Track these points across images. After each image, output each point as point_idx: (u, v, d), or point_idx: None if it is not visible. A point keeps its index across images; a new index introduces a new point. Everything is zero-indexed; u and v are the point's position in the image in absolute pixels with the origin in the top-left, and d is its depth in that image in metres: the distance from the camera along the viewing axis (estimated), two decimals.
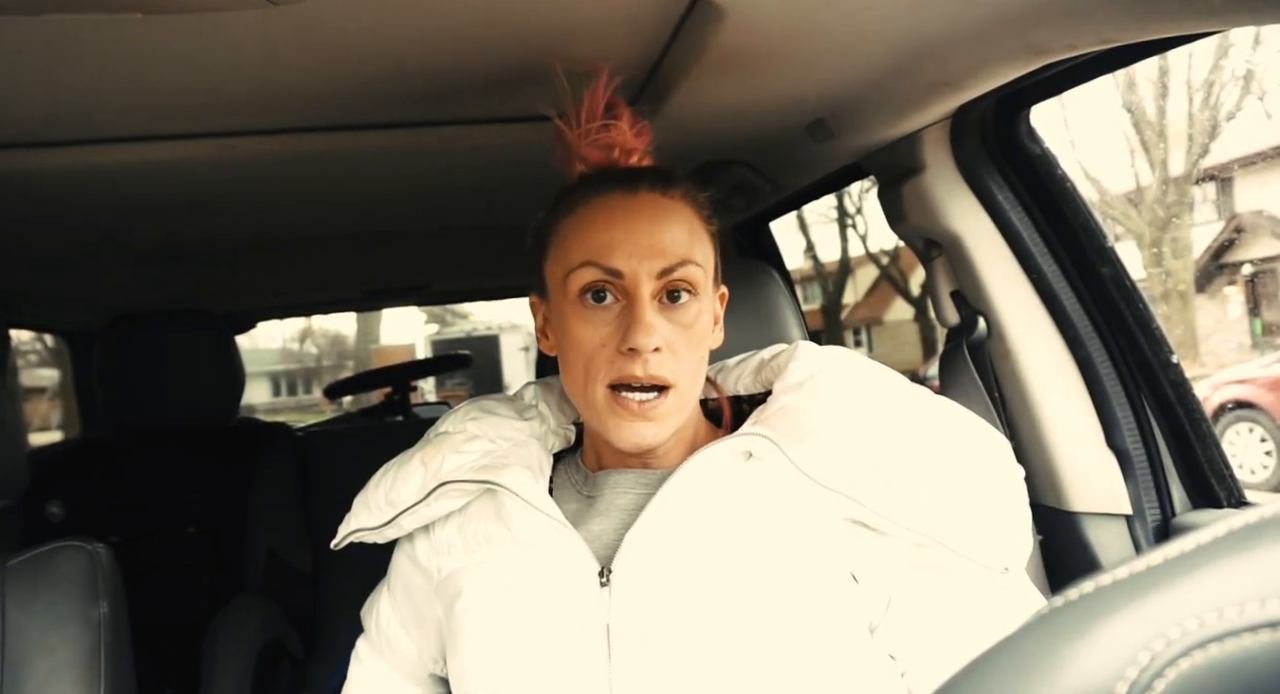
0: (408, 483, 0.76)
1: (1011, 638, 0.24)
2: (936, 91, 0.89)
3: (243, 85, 0.81)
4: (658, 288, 0.70)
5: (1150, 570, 0.23)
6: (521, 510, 0.72)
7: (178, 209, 1.26)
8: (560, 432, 0.83)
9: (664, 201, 0.73)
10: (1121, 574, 0.23)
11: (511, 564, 0.73)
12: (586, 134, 0.76)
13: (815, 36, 0.78)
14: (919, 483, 0.66)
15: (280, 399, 17.43)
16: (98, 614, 0.87)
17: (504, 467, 0.74)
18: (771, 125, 1.08)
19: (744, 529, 0.68)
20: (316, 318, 13.37)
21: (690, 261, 0.71)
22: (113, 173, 1.03)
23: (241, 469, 1.83)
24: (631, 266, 0.70)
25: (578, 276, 0.71)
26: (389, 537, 0.79)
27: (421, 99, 0.91)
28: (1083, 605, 0.23)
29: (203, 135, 0.95)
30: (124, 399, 1.72)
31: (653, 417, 0.70)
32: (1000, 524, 0.67)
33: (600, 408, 0.71)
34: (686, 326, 0.71)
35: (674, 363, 0.70)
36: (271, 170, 1.10)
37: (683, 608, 0.66)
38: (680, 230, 0.72)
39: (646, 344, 0.68)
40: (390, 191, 1.31)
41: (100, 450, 1.82)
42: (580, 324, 0.72)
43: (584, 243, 0.72)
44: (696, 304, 0.72)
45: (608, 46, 0.80)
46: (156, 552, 1.75)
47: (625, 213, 0.72)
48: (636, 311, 0.69)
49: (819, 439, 0.68)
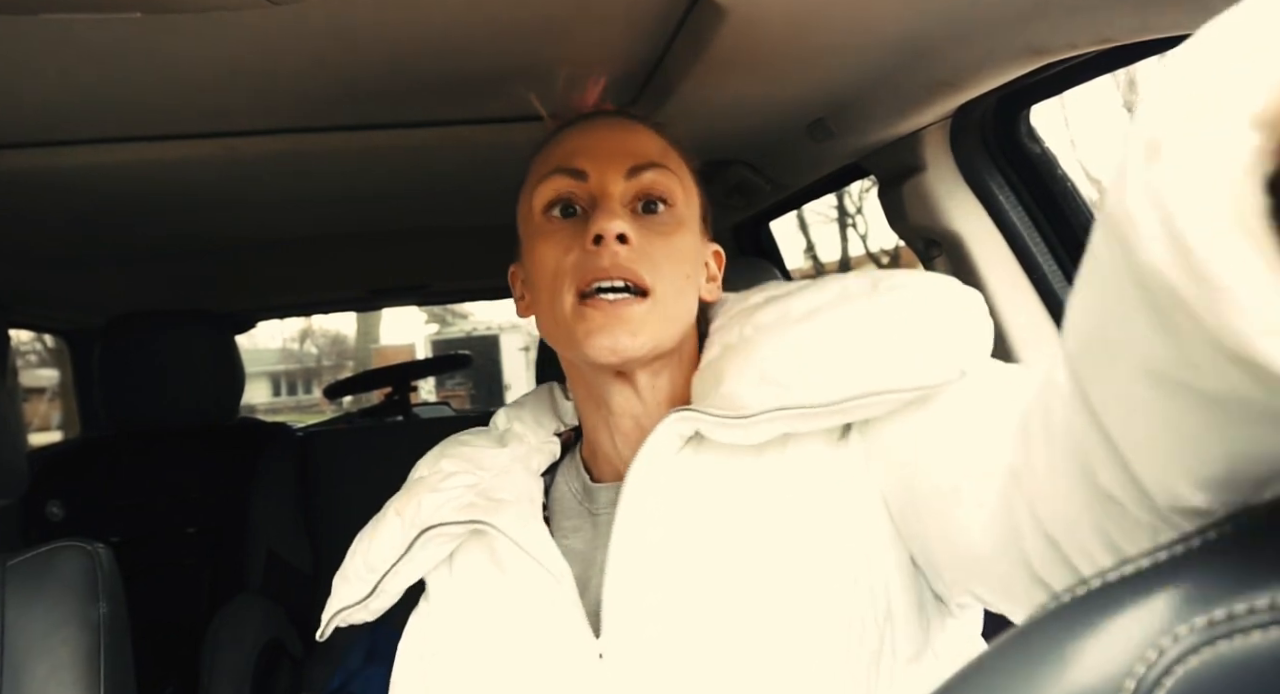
0: (386, 540, 0.68)
1: (1019, 635, 0.23)
2: (936, 91, 0.89)
3: (243, 85, 0.81)
4: (628, 191, 0.66)
5: (1157, 567, 0.23)
6: (515, 554, 0.65)
7: (178, 209, 1.26)
8: (544, 447, 0.76)
9: (629, 120, 0.70)
10: (1128, 571, 0.23)
11: (501, 615, 0.66)
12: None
13: (815, 36, 0.78)
14: (838, 354, 0.58)
15: (280, 399, 17.42)
16: (97, 615, 0.87)
17: (493, 502, 0.68)
18: (772, 125, 1.08)
19: (726, 532, 0.61)
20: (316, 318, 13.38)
21: (662, 166, 0.66)
22: (112, 173, 1.02)
23: (241, 469, 1.83)
24: (597, 165, 0.65)
25: (544, 189, 0.67)
26: (378, 610, 0.69)
27: (422, 98, 0.91)
28: (1090, 602, 0.23)
29: (203, 135, 0.95)
30: (124, 399, 1.72)
31: (627, 318, 0.62)
32: (935, 340, 0.57)
33: (569, 320, 0.63)
34: (665, 235, 0.65)
35: (650, 266, 0.63)
36: (271, 170, 1.10)
37: (682, 650, 0.59)
38: (650, 141, 0.68)
39: (610, 227, 0.62)
40: (391, 191, 1.30)
41: (100, 450, 1.81)
42: (547, 243, 0.66)
43: (549, 158, 0.68)
44: (673, 217, 0.66)
45: (608, 46, 0.80)
46: (156, 552, 1.75)
47: (590, 126, 0.69)
48: (601, 203, 0.64)
49: (731, 384, 0.61)
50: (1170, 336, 0.22)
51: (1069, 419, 0.34)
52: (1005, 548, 0.44)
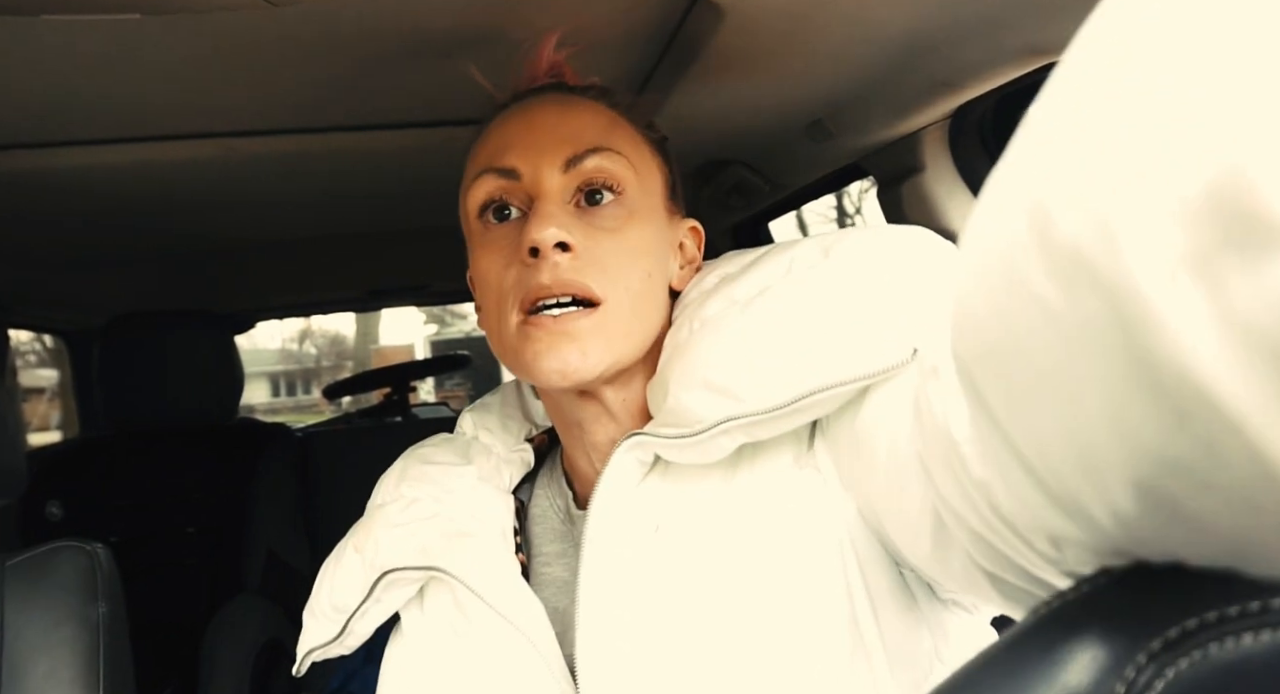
0: (349, 580, 0.62)
1: (1008, 640, 0.24)
2: (935, 92, 0.89)
3: (242, 85, 0.81)
4: (568, 185, 0.58)
5: (1150, 567, 0.23)
6: (479, 607, 0.58)
7: (177, 209, 1.26)
8: (514, 456, 0.69)
9: (570, 96, 0.62)
10: (1118, 574, 0.23)
11: (470, 666, 0.60)
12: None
13: (814, 36, 0.78)
14: (783, 348, 0.52)
15: (279, 399, 17.42)
16: (96, 614, 0.87)
17: (456, 538, 0.61)
18: (770, 125, 1.08)
19: (702, 567, 0.54)
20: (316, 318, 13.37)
21: (607, 149, 0.58)
22: (111, 173, 1.03)
23: (241, 469, 1.83)
24: (529, 160, 0.58)
25: (474, 192, 0.60)
26: (353, 646, 0.64)
27: (420, 99, 0.91)
28: (1080, 606, 0.23)
29: (202, 135, 0.95)
30: (123, 400, 1.72)
31: (573, 333, 0.55)
32: (890, 312, 0.51)
33: (515, 342, 0.57)
34: (612, 231, 0.58)
35: (597, 272, 0.56)
36: (271, 171, 1.10)
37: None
38: (590, 119, 0.60)
39: (545, 237, 0.54)
40: (390, 191, 1.31)
41: (99, 451, 1.82)
42: (484, 252, 0.60)
43: (479, 154, 0.61)
44: (624, 207, 0.58)
45: (606, 47, 0.80)
46: (156, 552, 1.75)
47: (523, 113, 0.61)
48: (534, 207, 0.57)
49: (676, 394, 0.55)
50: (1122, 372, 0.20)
51: (955, 413, 0.32)
52: (937, 529, 0.40)
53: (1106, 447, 0.21)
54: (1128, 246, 0.18)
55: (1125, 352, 0.19)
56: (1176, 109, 0.18)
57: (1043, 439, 0.24)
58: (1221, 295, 0.17)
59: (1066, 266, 0.20)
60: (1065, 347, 0.21)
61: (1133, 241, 0.18)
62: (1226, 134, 0.17)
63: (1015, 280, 0.22)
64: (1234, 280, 0.17)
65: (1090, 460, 0.22)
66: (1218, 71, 0.17)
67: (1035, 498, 0.26)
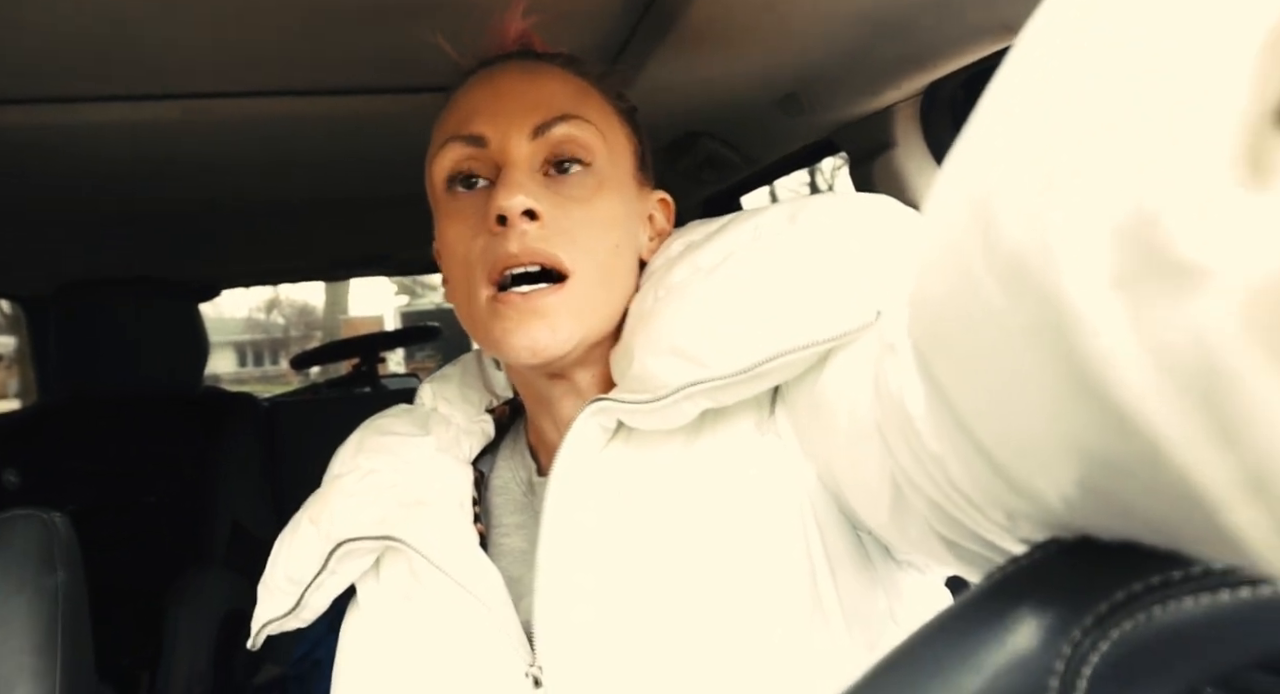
0: (304, 552, 0.61)
1: (960, 603, 0.24)
2: (907, 68, 0.89)
3: (210, 46, 0.79)
4: (536, 153, 0.57)
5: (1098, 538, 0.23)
6: (435, 576, 0.58)
7: (137, 172, 1.22)
8: (474, 427, 0.68)
9: (538, 64, 0.61)
10: (1068, 539, 0.23)
11: (427, 635, 0.60)
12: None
13: (788, 10, 0.78)
14: (747, 312, 0.51)
15: (246, 370, 17.20)
16: (54, 583, 0.86)
17: (413, 507, 0.61)
18: (743, 99, 1.07)
19: (663, 535, 0.54)
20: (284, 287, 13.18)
21: (576, 117, 0.57)
22: (69, 134, 1.00)
23: (204, 439, 1.81)
24: (497, 126, 0.57)
25: (441, 161, 0.59)
26: (308, 619, 0.64)
27: (387, 65, 0.89)
28: (1029, 569, 0.23)
29: (163, 97, 0.92)
30: (81, 367, 1.69)
31: (542, 310, 0.55)
32: (854, 276, 0.50)
33: (485, 318, 0.56)
34: (581, 201, 0.57)
35: (565, 242, 0.55)
36: (234, 134, 1.08)
37: (626, 661, 0.53)
38: (559, 86, 0.59)
39: (512, 205, 0.53)
40: (353, 159, 1.28)
41: (58, 418, 1.78)
42: (450, 222, 0.59)
43: (446, 122, 0.60)
44: (593, 177, 0.58)
45: (578, 19, 0.79)
46: (116, 521, 1.73)
47: (490, 79, 0.60)
48: (502, 174, 0.56)
49: (641, 361, 0.55)
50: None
51: (911, 388, 0.32)
52: (895, 497, 0.40)
53: (1050, 444, 0.22)
54: (1062, 260, 0.18)
55: (1063, 360, 0.19)
56: (1110, 129, 0.18)
57: (993, 425, 0.25)
58: (1146, 319, 0.17)
59: (1007, 269, 0.20)
60: (1009, 345, 0.21)
61: (1067, 256, 0.18)
62: (1142, 170, 0.17)
63: (963, 274, 0.22)
64: (1157, 307, 0.17)
65: (1037, 454, 0.23)
66: (1143, 96, 0.17)
67: (988, 476, 0.27)
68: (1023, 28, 0.22)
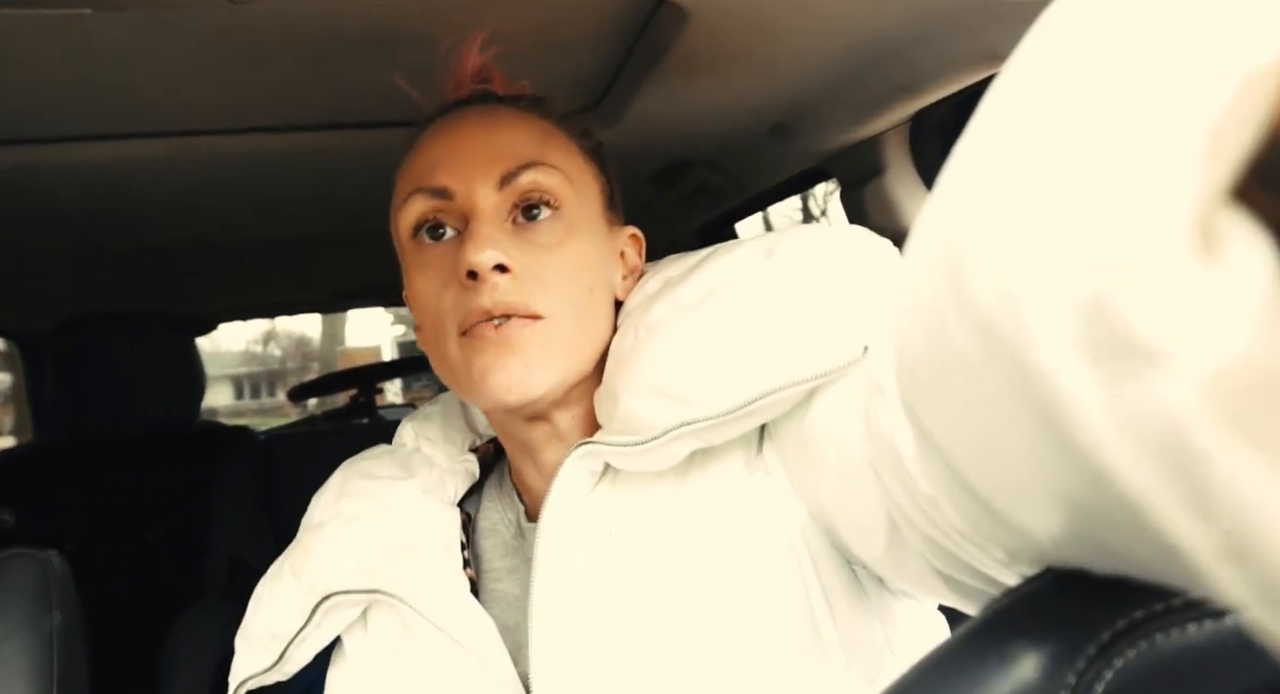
0: (285, 605, 0.59)
1: (965, 632, 0.24)
2: (895, 95, 0.90)
3: (200, 84, 0.80)
4: (503, 202, 0.57)
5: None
6: (427, 628, 0.56)
7: (134, 209, 1.23)
8: (458, 468, 0.67)
9: (499, 109, 0.60)
10: (1069, 568, 0.23)
11: (421, 688, 0.57)
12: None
13: (776, 40, 0.79)
14: (732, 351, 0.51)
15: (243, 402, 17.15)
16: (50, 624, 0.85)
17: (400, 555, 0.58)
18: (734, 128, 1.09)
19: (658, 579, 0.53)
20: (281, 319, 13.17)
21: (541, 163, 0.57)
22: (65, 172, 1.00)
23: (201, 474, 1.80)
24: (462, 178, 0.56)
25: (406, 213, 0.58)
26: (291, 672, 0.61)
27: (383, 100, 0.90)
28: (1034, 598, 0.23)
29: (159, 135, 0.93)
30: (78, 405, 1.68)
31: (516, 344, 0.53)
32: (837, 312, 0.50)
33: (459, 363, 0.55)
34: (551, 248, 0.56)
35: (537, 290, 0.55)
36: (230, 171, 1.09)
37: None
38: (523, 133, 0.58)
39: (482, 260, 0.53)
40: (352, 192, 1.29)
41: (54, 456, 1.77)
42: (419, 273, 0.58)
43: (409, 172, 0.60)
44: (562, 222, 0.57)
45: (571, 50, 0.80)
46: (113, 558, 1.71)
47: (452, 129, 0.59)
48: (469, 227, 0.55)
49: (626, 401, 0.54)
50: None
51: (900, 429, 0.32)
52: (891, 532, 0.40)
53: (1038, 492, 0.22)
54: (1032, 329, 0.19)
55: (1040, 419, 0.19)
56: (1068, 211, 0.18)
57: (983, 471, 0.25)
58: (1115, 392, 0.17)
59: (979, 328, 0.21)
60: (988, 399, 0.21)
61: (1035, 321, 0.19)
62: (1100, 252, 0.17)
63: (939, 327, 0.23)
64: (1125, 382, 0.17)
65: (1027, 500, 0.23)
66: (1098, 177, 0.17)
67: (982, 517, 0.27)
68: (1008, 56, 0.22)
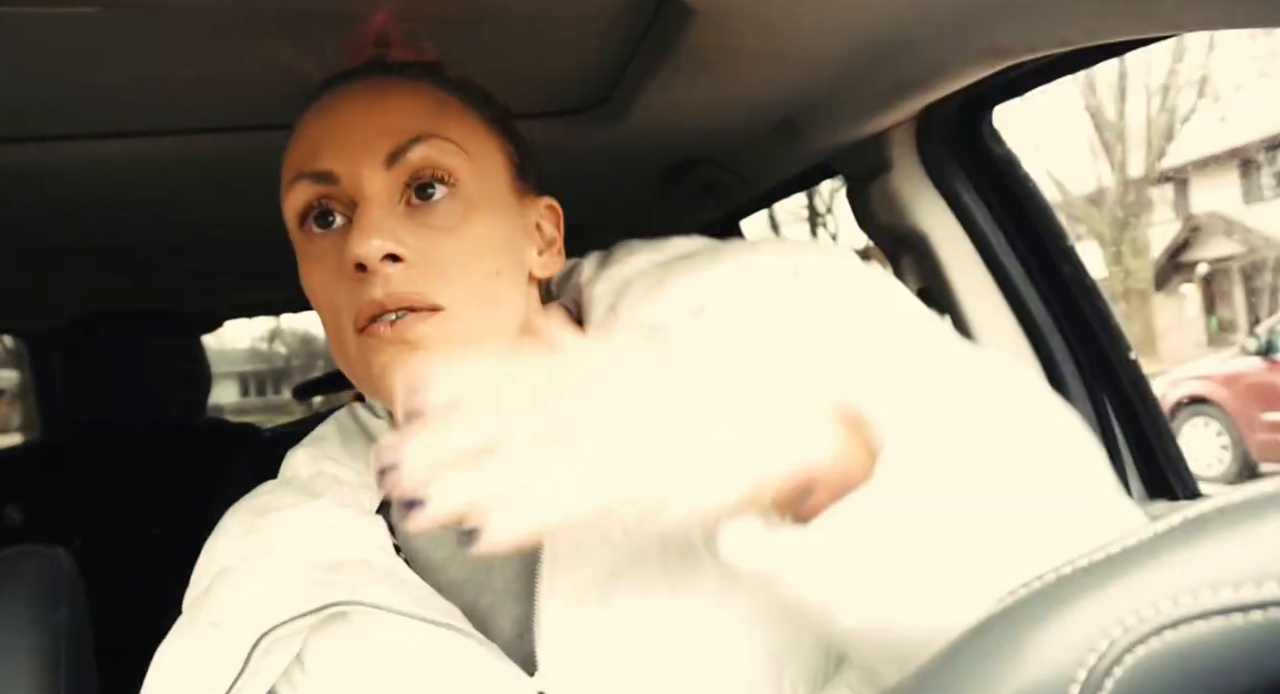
0: (207, 660, 0.51)
1: (975, 628, 0.24)
2: (902, 92, 0.90)
3: (208, 79, 0.80)
4: (393, 182, 0.51)
5: (1109, 559, 0.23)
6: (397, 626, 0.50)
7: (140, 207, 1.23)
8: (369, 480, 0.60)
9: (387, 80, 0.54)
10: (1081, 563, 0.23)
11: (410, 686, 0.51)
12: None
13: (782, 37, 0.79)
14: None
15: (249, 400, 17.18)
16: (58, 621, 0.85)
17: (341, 569, 0.52)
18: (740, 125, 1.09)
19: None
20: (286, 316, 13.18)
21: (433, 136, 0.51)
22: (71, 170, 1.01)
23: (207, 471, 1.81)
24: (346, 160, 0.51)
25: (290, 201, 0.54)
26: None
27: None
28: (1044, 594, 0.23)
29: (164, 132, 0.93)
30: (85, 401, 1.69)
31: (416, 341, 0.49)
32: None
33: (357, 361, 0.51)
34: (449, 230, 0.51)
35: (436, 278, 0.50)
36: (236, 167, 1.09)
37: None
38: (412, 104, 0.53)
39: (368, 252, 0.48)
40: None
41: (61, 453, 1.78)
42: (310, 266, 0.54)
43: (290, 159, 0.55)
44: (460, 201, 0.52)
45: (576, 48, 0.80)
46: (120, 555, 1.72)
47: (334, 105, 0.54)
48: (357, 213, 0.50)
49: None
50: None
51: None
52: None
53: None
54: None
55: None
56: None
57: None
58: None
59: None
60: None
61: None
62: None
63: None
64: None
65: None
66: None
67: None
68: (1014, 51, 0.22)
